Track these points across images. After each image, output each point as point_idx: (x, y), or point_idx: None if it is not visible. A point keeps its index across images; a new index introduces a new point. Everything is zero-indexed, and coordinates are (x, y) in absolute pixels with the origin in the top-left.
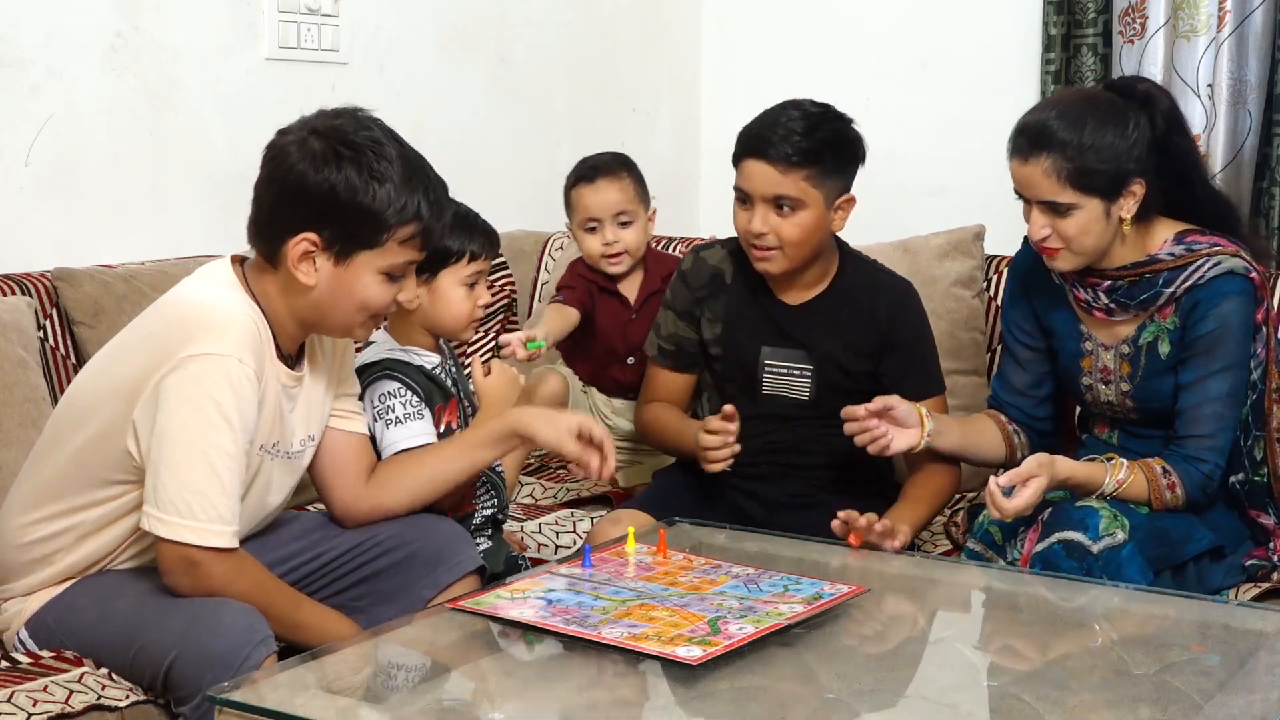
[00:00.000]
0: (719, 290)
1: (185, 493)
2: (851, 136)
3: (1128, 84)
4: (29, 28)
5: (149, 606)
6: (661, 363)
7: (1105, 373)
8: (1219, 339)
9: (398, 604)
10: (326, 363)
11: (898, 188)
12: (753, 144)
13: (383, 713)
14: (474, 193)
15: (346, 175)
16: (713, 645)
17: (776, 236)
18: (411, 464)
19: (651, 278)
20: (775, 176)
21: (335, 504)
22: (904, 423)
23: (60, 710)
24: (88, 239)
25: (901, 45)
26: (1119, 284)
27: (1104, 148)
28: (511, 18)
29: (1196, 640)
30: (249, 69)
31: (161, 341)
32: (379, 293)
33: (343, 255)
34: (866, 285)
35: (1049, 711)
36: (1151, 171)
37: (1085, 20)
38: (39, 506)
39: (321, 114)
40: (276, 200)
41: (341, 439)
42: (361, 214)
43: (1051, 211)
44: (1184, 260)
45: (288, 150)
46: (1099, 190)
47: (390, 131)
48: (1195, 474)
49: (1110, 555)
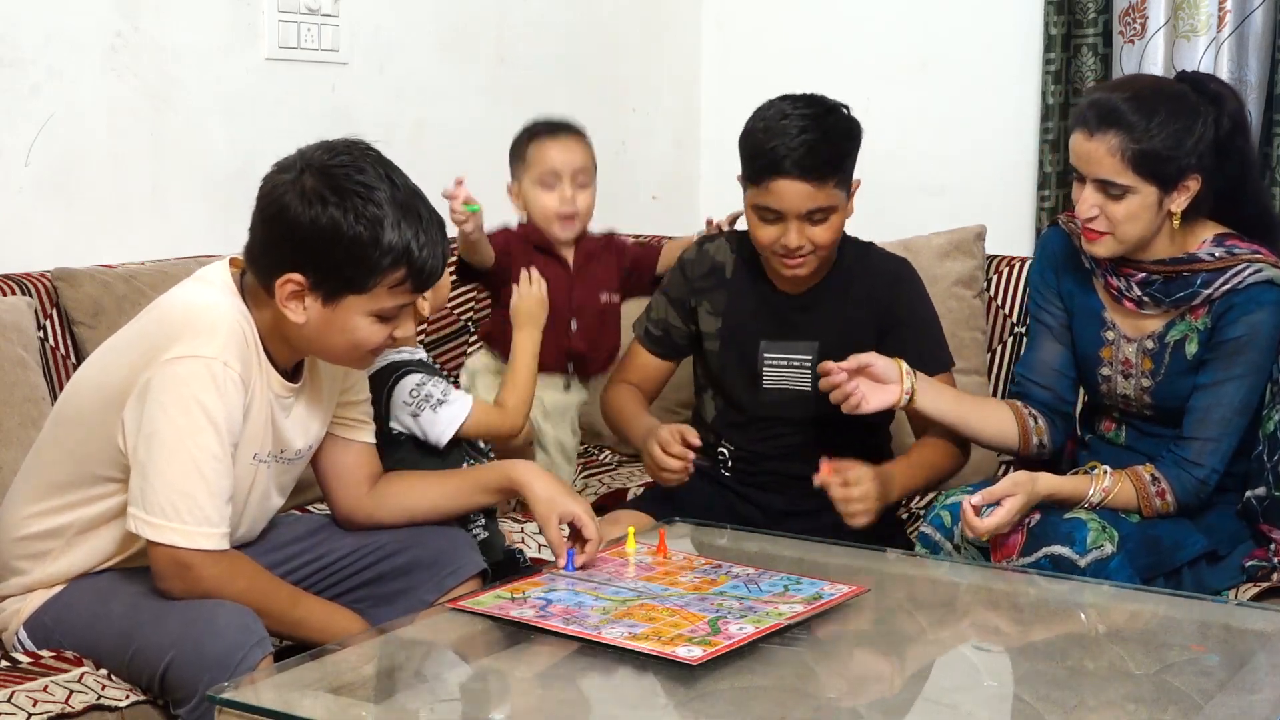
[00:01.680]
0: (719, 284)
1: (172, 495)
2: (854, 124)
3: (1200, 79)
4: (29, 28)
5: (145, 608)
6: (646, 345)
7: (1126, 365)
8: (1244, 345)
9: (399, 608)
10: (329, 373)
11: (898, 188)
12: (776, 162)
13: (383, 713)
14: (474, 193)
15: (333, 218)
16: (713, 645)
17: (811, 244)
18: (414, 488)
19: (589, 242)
20: (810, 191)
21: (336, 509)
22: (883, 378)
23: (60, 710)
24: (88, 239)
25: (901, 45)
26: (1154, 278)
27: (1170, 137)
28: (511, 18)
29: (1196, 640)
30: (249, 69)
31: (150, 342)
32: (370, 333)
33: (330, 298)
34: (863, 267)
35: (1049, 711)
36: (1209, 170)
37: (1085, 20)
38: (36, 502)
39: (320, 148)
40: (266, 235)
41: (345, 446)
42: (347, 259)
43: (1105, 191)
44: (1224, 264)
45: (282, 189)
46: (1157, 178)
47: (387, 170)
48: (1189, 480)
49: (1098, 569)
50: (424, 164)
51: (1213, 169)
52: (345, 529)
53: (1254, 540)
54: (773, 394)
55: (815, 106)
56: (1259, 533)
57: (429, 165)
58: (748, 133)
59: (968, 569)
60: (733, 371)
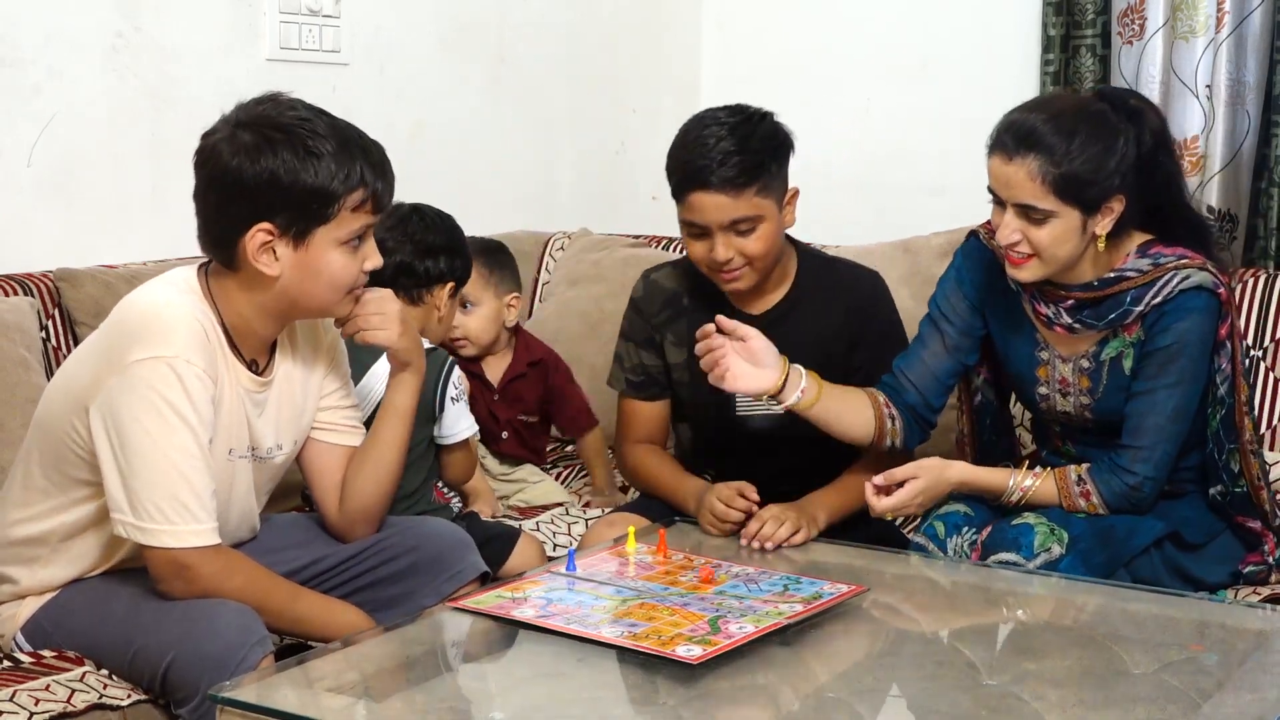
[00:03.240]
0: (678, 313)
1: (157, 499)
2: (780, 132)
3: (1120, 96)
4: (30, 28)
5: (145, 609)
6: (633, 395)
7: (1063, 384)
8: (1175, 354)
9: (399, 611)
10: (303, 370)
11: (898, 188)
12: (693, 175)
13: (383, 713)
14: (474, 193)
15: (283, 159)
16: (713, 645)
17: (742, 256)
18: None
19: (517, 362)
20: (727, 203)
21: (325, 518)
22: (758, 360)
23: (62, 709)
24: (89, 239)
25: (901, 45)
26: (1084, 303)
27: (1091, 159)
28: (511, 18)
29: (1195, 640)
30: (250, 70)
31: (111, 345)
32: (344, 265)
33: (300, 237)
34: (830, 281)
35: (1048, 711)
36: (1133, 189)
37: (1084, 21)
38: (21, 507)
39: (241, 106)
40: (220, 200)
41: (328, 451)
42: (309, 192)
43: (1026, 216)
44: (1151, 276)
45: (219, 149)
46: (1080, 202)
47: (314, 107)
48: (1118, 484)
49: (1048, 570)
50: (424, 164)
51: (1138, 188)
52: (332, 536)
53: (1233, 531)
54: (747, 420)
55: (736, 116)
56: (1237, 524)
57: (429, 165)
58: (671, 149)
59: (968, 569)
60: (705, 398)
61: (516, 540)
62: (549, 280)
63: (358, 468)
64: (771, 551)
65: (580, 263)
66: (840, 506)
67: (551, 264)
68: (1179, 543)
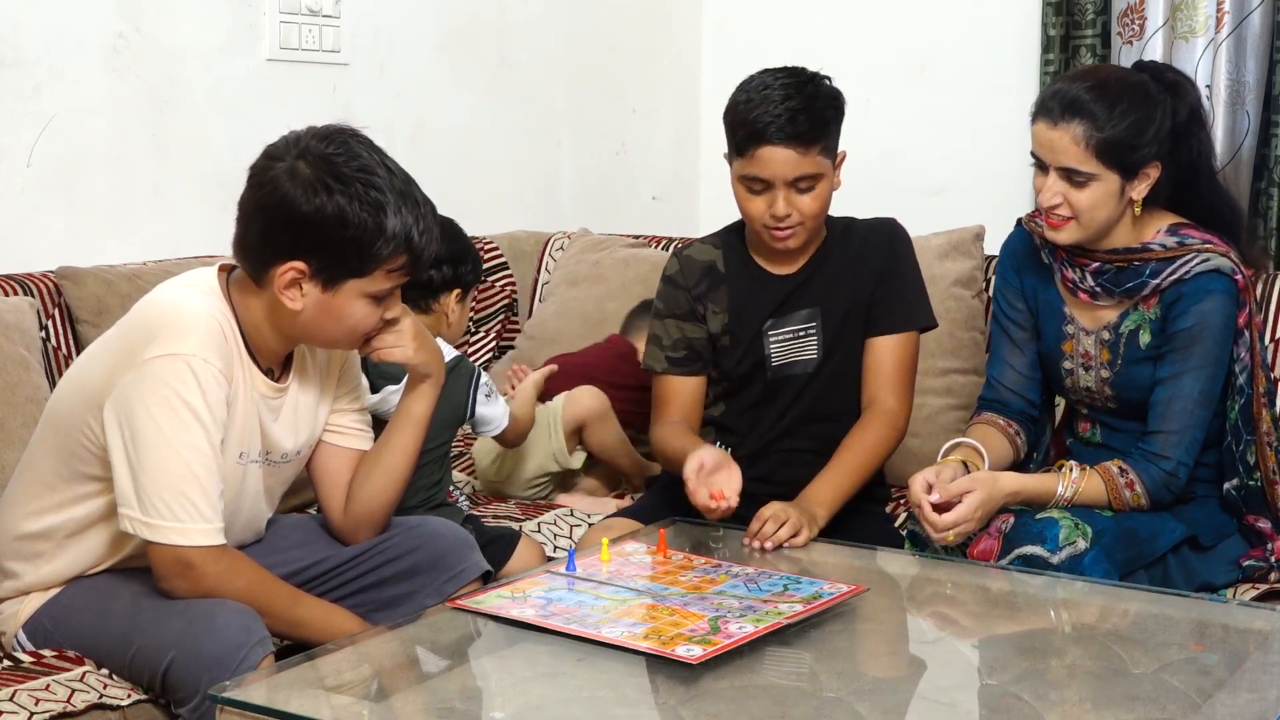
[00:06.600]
0: (718, 281)
1: (165, 495)
2: (838, 93)
3: (1158, 69)
4: (31, 29)
5: (146, 608)
6: (675, 371)
7: (1086, 358)
8: (1198, 336)
9: (401, 611)
10: (318, 376)
11: (898, 188)
12: (762, 130)
13: (383, 713)
14: (474, 193)
15: (337, 205)
16: (713, 644)
17: (799, 213)
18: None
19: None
20: (794, 158)
21: (329, 520)
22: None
23: (62, 709)
24: (90, 239)
25: (901, 45)
26: (1106, 268)
27: (1132, 126)
28: (511, 18)
29: (1195, 639)
30: (250, 70)
31: (128, 342)
32: (366, 315)
33: (330, 283)
34: (855, 232)
35: (1048, 711)
36: (1167, 158)
37: (1084, 21)
38: (28, 503)
39: (311, 134)
40: (265, 226)
41: (338, 454)
42: (351, 245)
43: (1068, 179)
44: (1174, 253)
45: (278, 177)
46: (1120, 166)
47: (380, 155)
48: (1157, 472)
49: (1072, 565)
50: (424, 164)
51: (1173, 156)
52: (337, 539)
53: (1240, 534)
54: (780, 369)
55: (797, 76)
56: (1246, 525)
57: (429, 165)
58: (732, 106)
59: (967, 569)
60: (740, 361)
61: (517, 542)
62: (549, 280)
63: (367, 472)
64: (771, 551)
65: (580, 263)
66: (837, 498)
67: (551, 264)
68: (1191, 544)
